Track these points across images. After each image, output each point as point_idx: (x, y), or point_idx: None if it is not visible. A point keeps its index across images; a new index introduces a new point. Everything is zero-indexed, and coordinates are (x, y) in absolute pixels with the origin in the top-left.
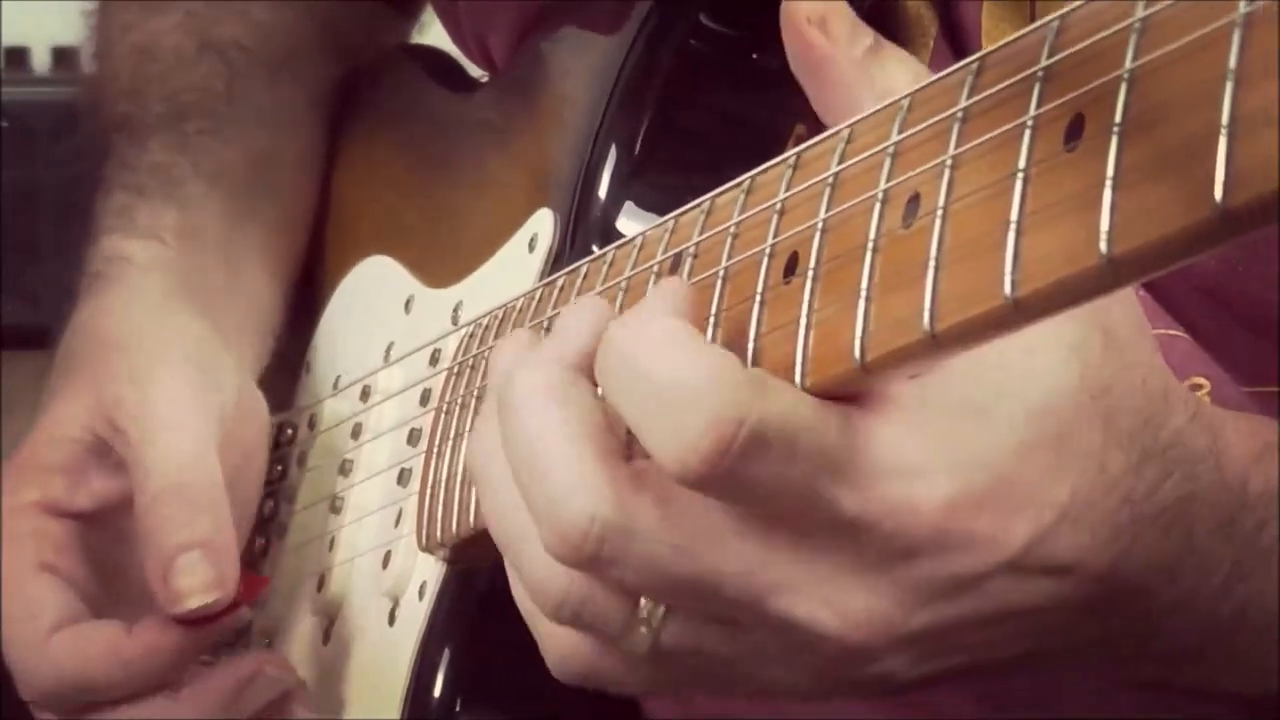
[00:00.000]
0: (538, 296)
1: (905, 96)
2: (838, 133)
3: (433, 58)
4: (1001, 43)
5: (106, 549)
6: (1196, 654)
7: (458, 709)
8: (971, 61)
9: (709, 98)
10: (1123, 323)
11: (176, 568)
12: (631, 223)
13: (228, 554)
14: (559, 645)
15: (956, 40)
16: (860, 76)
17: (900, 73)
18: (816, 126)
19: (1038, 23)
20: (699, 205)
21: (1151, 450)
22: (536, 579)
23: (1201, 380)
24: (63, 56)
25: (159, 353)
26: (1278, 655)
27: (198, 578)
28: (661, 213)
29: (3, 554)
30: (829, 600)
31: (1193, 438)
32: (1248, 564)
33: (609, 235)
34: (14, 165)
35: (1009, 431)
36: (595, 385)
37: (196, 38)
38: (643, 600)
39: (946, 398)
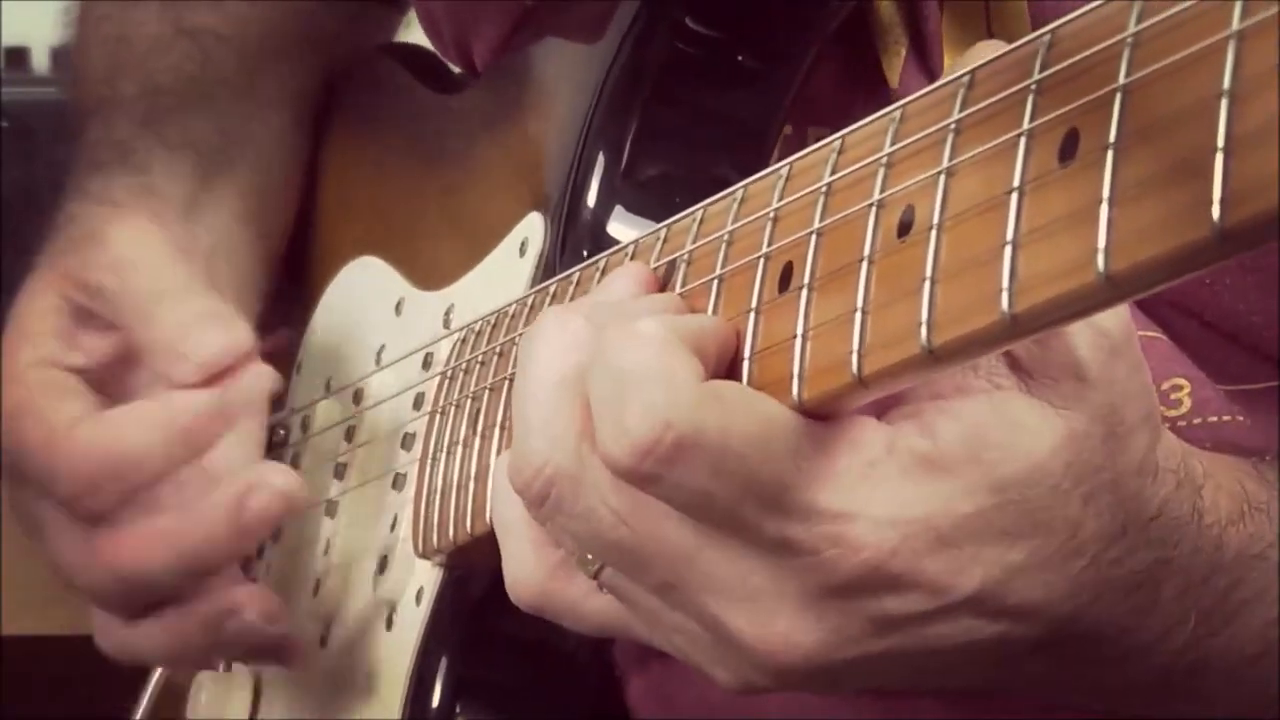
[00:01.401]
0: (530, 303)
1: (897, 108)
2: (830, 143)
3: (418, 57)
4: (993, 56)
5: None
6: (1150, 692)
7: (456, 713)
8: (963, 74)
9: (695, 100)
10: (1132, 417)
11: (190, 339)
12: (621, 226)
13: (233, 316)
14: (522, 559)
15: (920, 44)
16: None
17: None
18: (803, 127)
19: (1029, 36)
20: (691, 214)
21: (1134, 524)
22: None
23: (1181, 381)
24: (63, 56)
25: (116, 214)
26: (1244, 692)
27: (211, 340)
28: (651, 216)
29: (14, 391)
30: (751, 614)
31: (1178, 506)
32: (1215, 621)
33: (599, 239)
34: (14, 165)
35: (967, 496)
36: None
37: (173, 25)
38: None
39: (912, 451)
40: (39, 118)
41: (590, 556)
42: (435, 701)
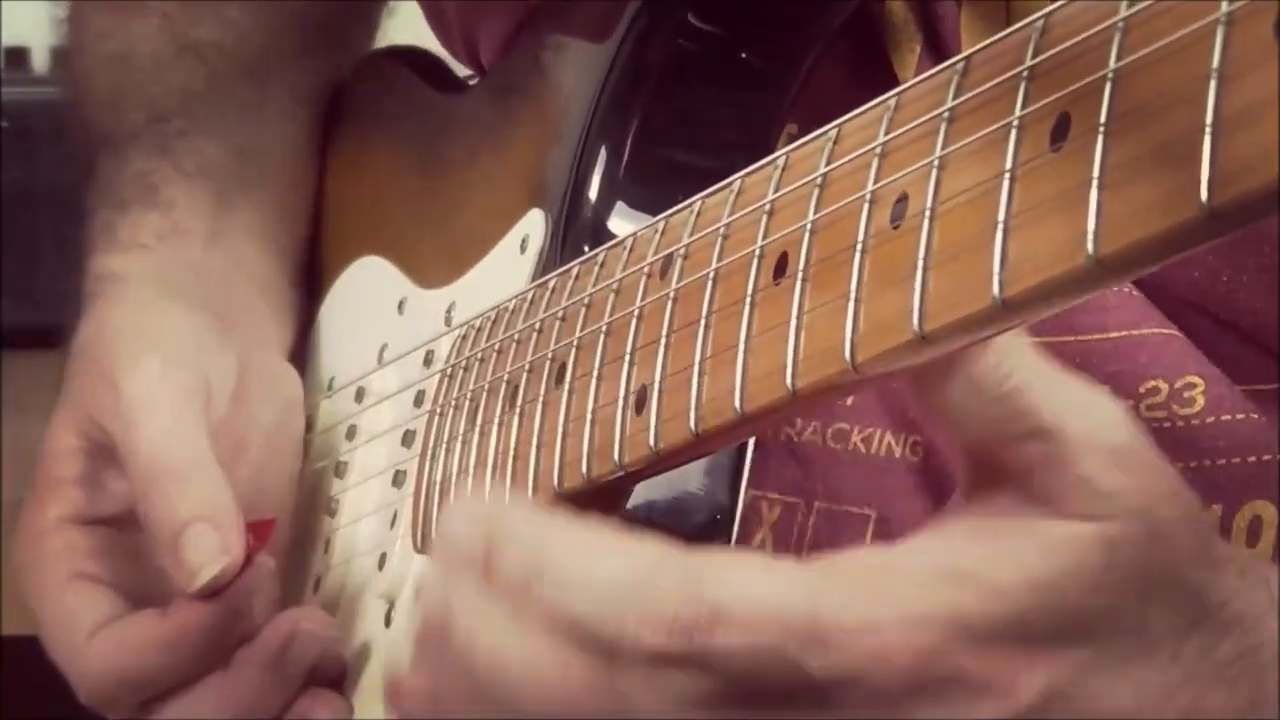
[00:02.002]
0: (529, 298)
1: (892, 96)
2: (825, 133)
3: (421, 58)
4: (987, 42)
5: (144, 547)
6: None
7: None
8: (957, 61)
9: (698, 97)
10: (1170, 519)
11: (182, 545)
12: (622, 223)
13: (228, 518)
14: None
15: (936, 44)
16: None
17: None
18: (807, 125)
19: (1022, 22)
20: (689, 206)
21: (1202, 614)
22: None
23: (1195, 379)
24: (63, 57)
25: (132, 349)
26: None
27: (204, 549)
28: (653, 213)
29: (38, 575)
30: None
31: (1248, 592)
32: None
33: (600, 236)
34: (14, 165)
35: (999, 601)
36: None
37: (175, 41)
38: None
39: (922, 562)
40: (39, 118)
41: None
42: None
